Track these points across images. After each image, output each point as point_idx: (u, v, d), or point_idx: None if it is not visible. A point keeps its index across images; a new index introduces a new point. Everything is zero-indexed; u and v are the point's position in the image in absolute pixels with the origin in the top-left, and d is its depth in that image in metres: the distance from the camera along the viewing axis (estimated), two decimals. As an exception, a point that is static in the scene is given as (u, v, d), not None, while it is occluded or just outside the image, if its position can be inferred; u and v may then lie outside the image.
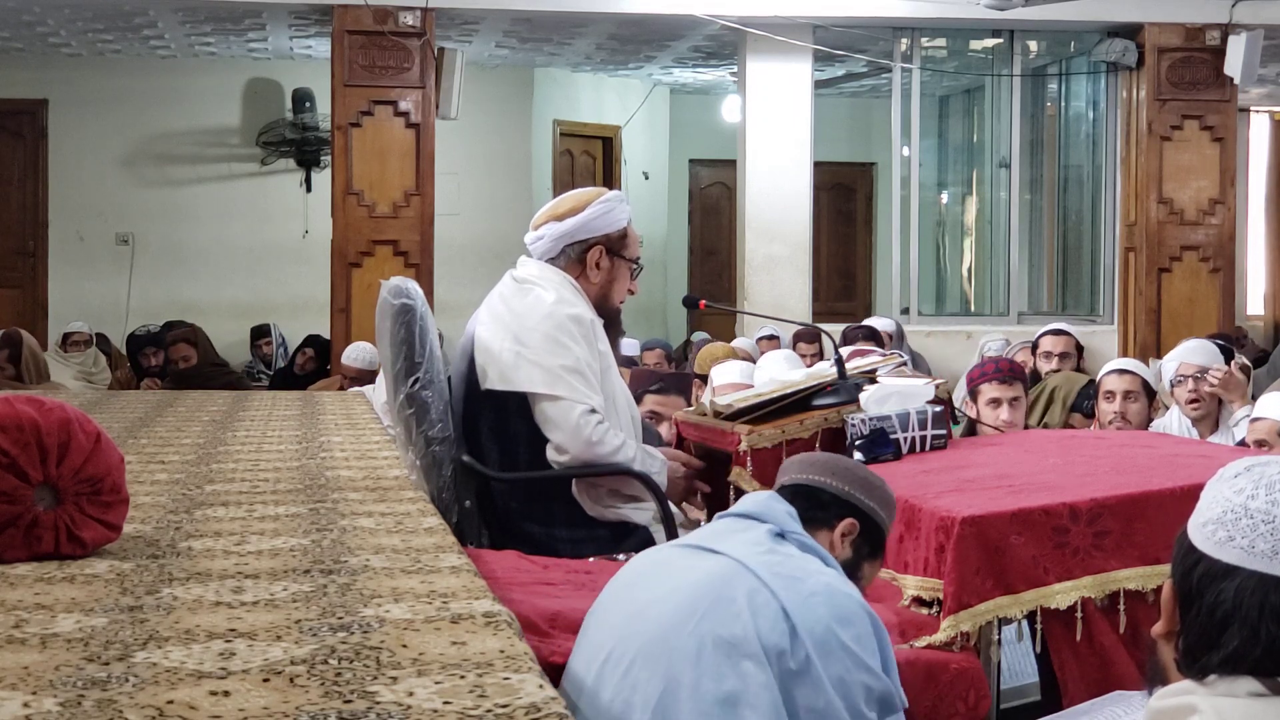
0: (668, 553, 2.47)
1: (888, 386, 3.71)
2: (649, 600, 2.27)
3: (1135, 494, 2.89)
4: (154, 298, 11.48)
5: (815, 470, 2.57)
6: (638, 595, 2.31)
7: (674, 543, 2.55)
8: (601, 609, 2.37)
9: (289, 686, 1.61)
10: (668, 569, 2.35)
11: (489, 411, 3.58)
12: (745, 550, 2.30)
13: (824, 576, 2.29)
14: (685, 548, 2.42)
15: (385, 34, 9.11)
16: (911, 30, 9.98)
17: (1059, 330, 7.18)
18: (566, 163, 12.62)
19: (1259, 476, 1.50)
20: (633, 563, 2.49)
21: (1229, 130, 9.94)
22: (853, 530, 2.53)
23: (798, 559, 2.33)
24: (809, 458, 2.68)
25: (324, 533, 2.58)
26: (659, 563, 2.41)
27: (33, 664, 1.69)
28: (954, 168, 11.90)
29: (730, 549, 2.31)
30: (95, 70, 11.53)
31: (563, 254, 3.65)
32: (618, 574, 2.46)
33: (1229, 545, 1.48)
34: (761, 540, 2.35)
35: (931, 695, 2.62)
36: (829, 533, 2.51)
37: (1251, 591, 1.45)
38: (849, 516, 2.53)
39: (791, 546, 2.36)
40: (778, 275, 9.85)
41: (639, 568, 2.43)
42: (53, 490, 2.26)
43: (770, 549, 2.33)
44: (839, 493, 2.54)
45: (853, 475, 2.58)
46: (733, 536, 2.37)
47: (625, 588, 2.37)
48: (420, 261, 9.18)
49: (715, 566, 2.28)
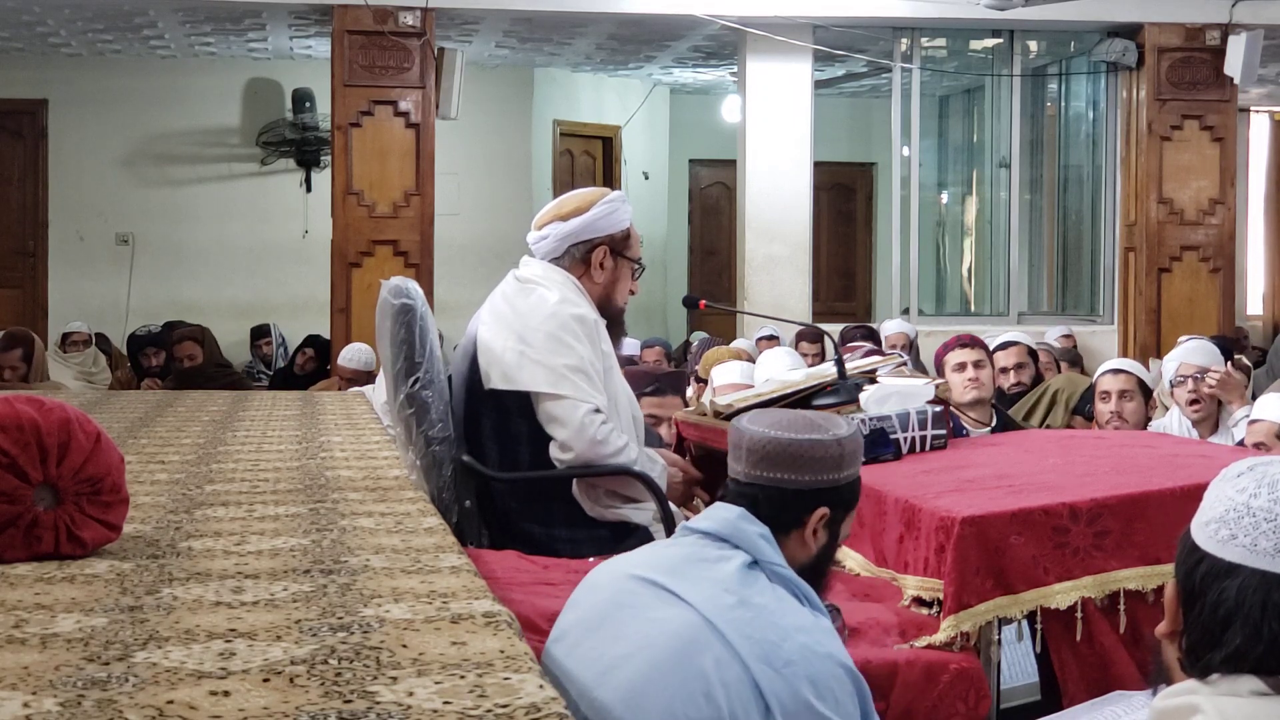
0: (629, 587, 2.27)
1: (888, 386, 3.71)
2: (613, 660, 2.16)
3: (1135, 494, 2.89)
4: (154, 298, 11.48)
5: (773, 467, 2.36)
6: (602, 648, 2.20)
7: (634, 568, 2.32)
8: (564, 648, 2.26)
9: (289, 686, 1.61)
10: (631, 616, 2.21)
11: (491, 411, 3.58)
12: (713, 601, 2.17)
13: (800, 637, 2.16)
14: (648, 584, 2.25)
15: (385, 34, 9.11)
16: (911, 30, 9.99)
17: (1008, 342, 6.64)
18: (566, 163, 12.63)
19: (1262, 476, 1.51)
20: (594, 587, 2.33)
21: (1229, 130, 9.94)
22: (825, 517, 2.39)
23: (771, 610, 2.19)
24: (762, 448, 2.38)
25: (324, 533, 2.58)
26: (621, 604, 2.25)
27: (33, 664, 1.69)
28: (954, 168, 11.91)
29: (697, 597, 2.18)
30: (95, 70, 11.53)
31: (567, 254, 3.65)
32: (578, 592, 2.34)
33: (1231, 544, 1.49)
34: (731, 581, 2.22)
35: (931, 695, 2.62)
36: (800, 530, 2.38)
37: (1254, 590, 1.46)
38: (820, 506, 2.39)
39: (762, 581, 2.24)
40: (778, 275, 9.85)
41: (600, 606, 2.28)
42: (53, 490, 2.26)
43: (740, 599, 2.18)
44: (804, 486, 2.37)
45: (814, 461, 2.37)
46: (699, 573, 2.24)
47: (588, 631, 2.25)
48: (420, 261, 9.19)
49: (682, 626, 2.15)
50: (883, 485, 3.11)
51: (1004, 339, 6.76)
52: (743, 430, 2.43)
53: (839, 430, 2.42)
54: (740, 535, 2.29)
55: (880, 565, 3.06)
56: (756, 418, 2.45)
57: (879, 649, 2.66)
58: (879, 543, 3.07)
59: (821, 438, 2.39)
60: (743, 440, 2.41)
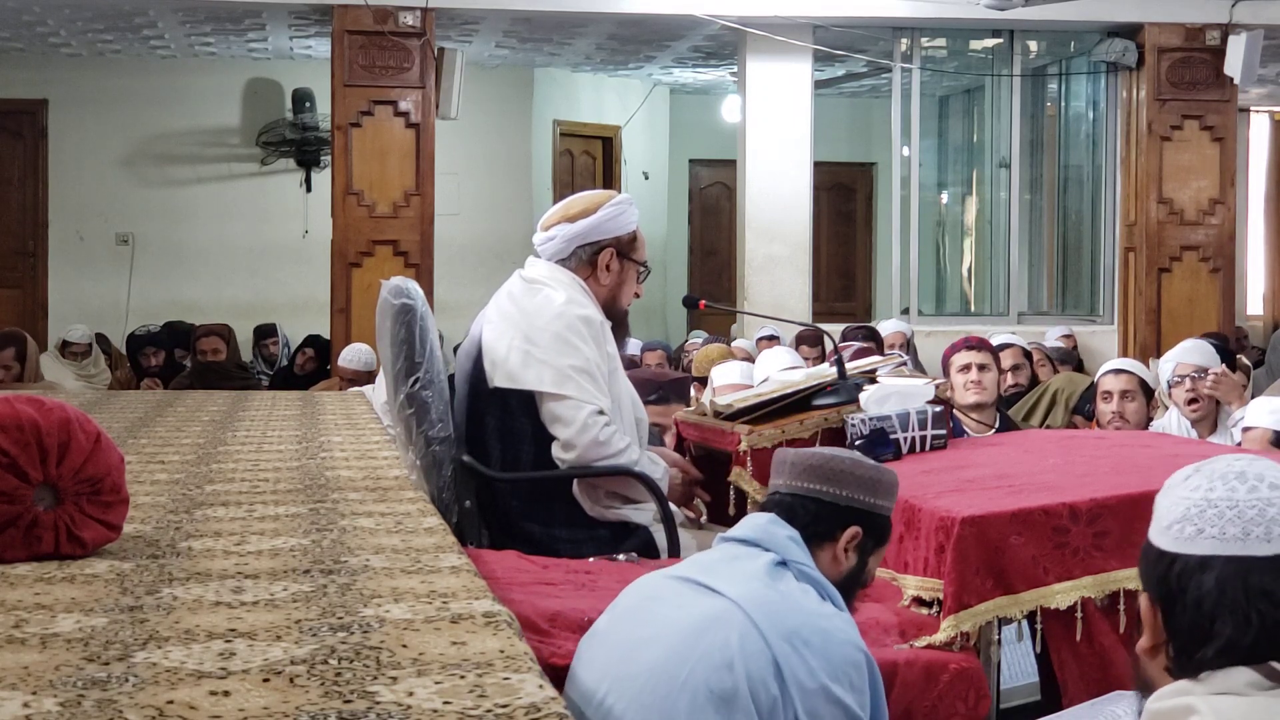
0: (663, 584, 2.38)
1: (888, 386, 3.71)
2: (640, 640, 2.23)
3: (1135, 494, 2.89)
4: (154, 298, 11.48)
5: (813, 478, 2.46)
6: (631, 632, 2.27)
7: (671, 571, 2.43)
8: (597, 640, 2.33)
9: (289, 686, 1.61)
10: (661, 605, 2.29)
11: (495, 410, 3.58)
12: (742, 587, 2.25)
13: (821, 621, 2.23)
14: (681, 580, 2.34)
15: (385, 34, 9.11)
16: (911, 30, 9.99)
17: (1003, 345, 6.39)
18: (566, 163, 12.63)
19: (1211, 472, 1.53)
20: (631, 590, 2.42)
21: (1229, 130, 9.94)
22: (857, 537, 2.45)
23: (796, 598, 2.27)
24: (805, 461, 2.50)
25: (324, 533, 2.58)
26: (653, 596, 2.34)
27: (33, 664, 1.69)
28: (954, 168, 11.90)
29: (727, 586, 2.25)
30: (95, 70, 11.53)
31: (574, 255, 3.66)
32: (618, 598, 2.41)
33: (1200, 538, 1.50)
34: (760, 574, 2.29)
35: (931, 695, 2.63)
36: (833, 545, 2.44)
37: (1232, 577, 1.47)
38: (852, 524, 2.45)
39: (790, 579, 2.31)
40: (778, 275, 9.85)
41: (633, 601, 2.37)
42: (53, 490, 2.26)
43: (767, 584, 2.27)
44: (839, 500, 2.44)
45: (852, 478, 2.47)
46: (730, 568, 2.31)
47: (619, 621, 2.32)
48: (420, 261, 9.18)
49: (710, 608, 2.23)
50: (883, 485, 3.11)
51: (998, 340, 6.54)
52: (788, 452, 2.55)
53: (869, 465, 2.52)
54: (770, 538, 2.37)
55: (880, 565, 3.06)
56: (799, 450, 2.57)
57: (879, 649, 2.66)
58: (879, 543, 3.06)
59: (861, 459, 2.51)
60: (787, 457, 2.52)
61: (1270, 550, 1.47)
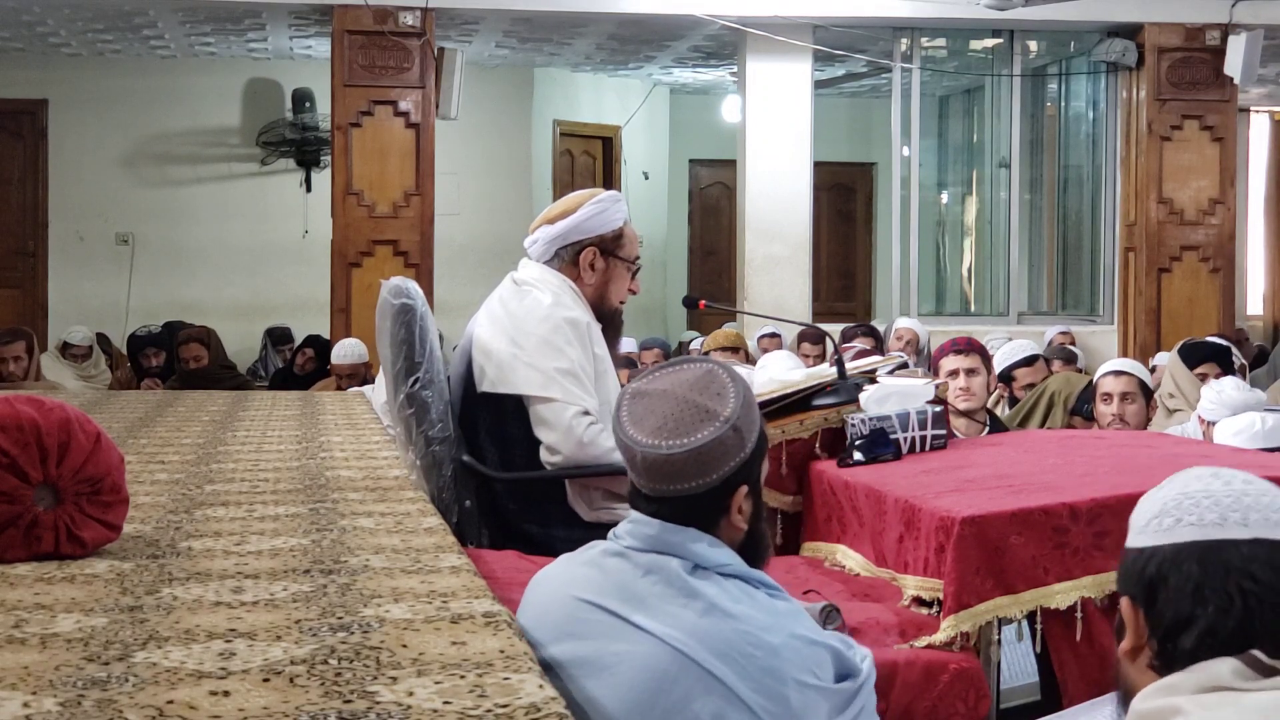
0: (586, 614, 2.14)
1: (888, 386, 3.71)
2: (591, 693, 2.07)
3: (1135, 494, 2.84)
4: (154, 298, 11.48)
5: (681, 479, 2.15)
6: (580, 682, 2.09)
7: (578, 592, 2.17)
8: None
9: (289, 686, 1.61)
10: (597, 650, 2.10)
11: (486, 413, 3.59)
12: (674, 624, 2.08)
13: (767, 636, 2.09)
14: (603, 612, 2.13)
15: (385, 34, 9.11)
16: (911, 30, 9.99)
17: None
18: (566, 163, 12.63)
19: (1183, 476, 1.58)
20: (544, 609, 2.20)
21: (1229, 130, 9.94)
22: (744, 493, 2.22)
23: (735, 617, 2.10)
24: (662, 463, 2.15)
25: (324, 533, 2.58)
26: (575, 634, 2.13)
27: (33, 664, 1.69)
28: (954, 168, 11.91)
29: (656, 625, 2.09)
30: (95, 70, 11.53)
31: (556, 256, 3.65)
32: (526, 610, 2.21)
33: (1178, 527, 1.53)
34: (683, 599, 2.11)
35: (931, 695, 2.63)
36: (726, 517, 2.20)
37: (1213, 560, 1.49)
38: (738, 487, 2.19)
39: (712, 588, 2.13)
40: (778, 275, 9.85)
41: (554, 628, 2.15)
42: (53, 490, 2.26)
43: (698, 613, 2.09)
44: (715, 485, 2.16)
45: (717, 455, 2.15)
46: (649, 593, 2.12)
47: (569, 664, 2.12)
48: (420, 261, 9.19)
49: (650, 659, 2.06)
50: (883, 485, 3.11)
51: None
52: (632, 445, 2.17)
53: (726, 407, 2.17)
54: (672, 548, 2.16)
55: (880, 565, 3.06)
56: (638, 421, 2.18)
57: (879, 649, 2.66)
58: (879, 543, 3.07)
59: (718, 432, 2.15)
60: (635, 455, 2.17)
61: (1248, 534, 1.49)
